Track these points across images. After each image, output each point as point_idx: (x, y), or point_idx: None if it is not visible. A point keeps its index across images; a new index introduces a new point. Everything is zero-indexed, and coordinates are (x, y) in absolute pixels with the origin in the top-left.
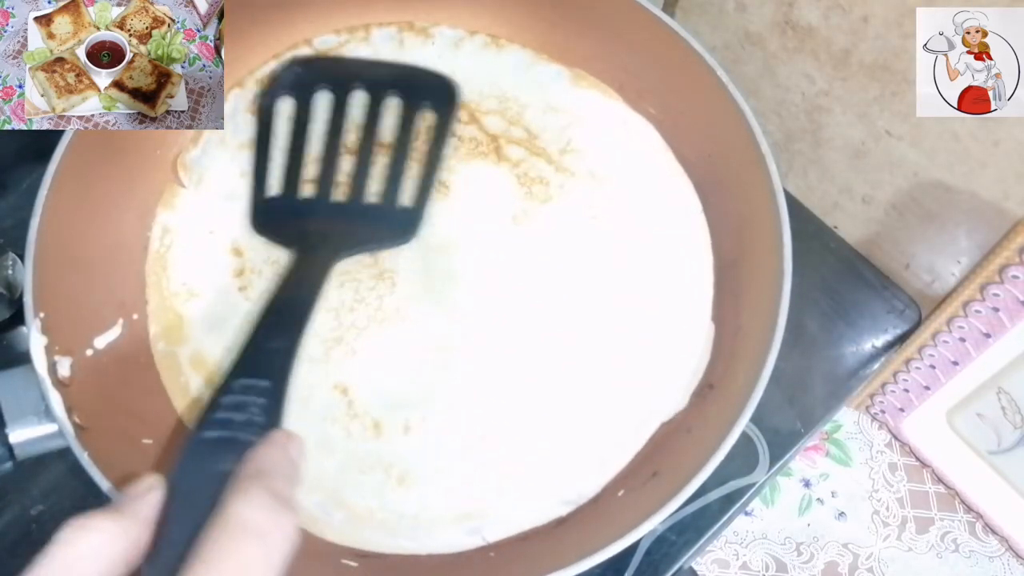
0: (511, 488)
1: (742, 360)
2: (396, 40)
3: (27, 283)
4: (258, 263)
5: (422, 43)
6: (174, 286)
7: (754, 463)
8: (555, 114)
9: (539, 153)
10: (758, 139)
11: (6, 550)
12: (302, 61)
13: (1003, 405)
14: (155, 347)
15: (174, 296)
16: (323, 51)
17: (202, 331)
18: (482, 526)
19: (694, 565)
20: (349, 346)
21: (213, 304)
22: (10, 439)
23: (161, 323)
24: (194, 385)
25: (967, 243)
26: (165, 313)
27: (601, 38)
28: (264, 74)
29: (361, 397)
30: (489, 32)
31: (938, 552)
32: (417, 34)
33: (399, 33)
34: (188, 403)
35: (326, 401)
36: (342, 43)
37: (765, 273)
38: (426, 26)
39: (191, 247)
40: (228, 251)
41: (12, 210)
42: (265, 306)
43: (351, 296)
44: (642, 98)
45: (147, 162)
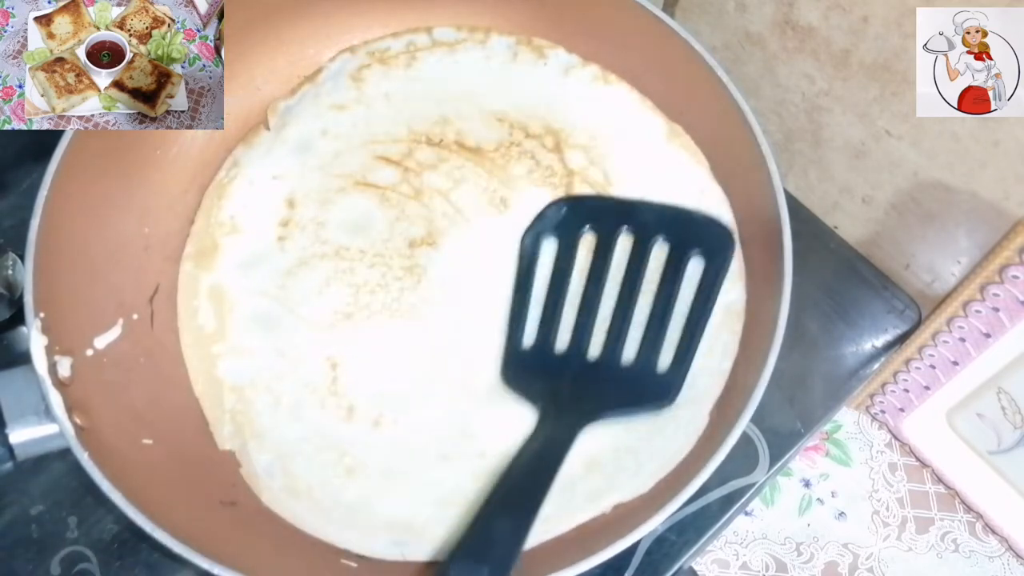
0: (451, 516)
1: (742, 360)
2: (511, 52)
3: (27, 283)
4: (305, 220)
5: (534, 61)
6: (222, 216)
7: (754, 463)
8: (637, 166)
9: None
10: (758, 139)
11: (6, 550)
12: (569, 200)
13: (1003, 405)
14: (183, 266)
15: (219, 226)
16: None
17: (231, 265)
18: (408, 541)
19: (694, 565)
20: (356, 325)
21: (250, 244)
22: (10, 439)
23: (197, 246)
24: (203, 314)
25: (967, 243)
26: (205, 238)
27: (601, 38)
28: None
29: (347, 377)
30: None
31: (938, 552)
32: (533, 51)
33: (516, 45)
34: (191, 331)
35: (314, 369)
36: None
37: (765, 273)
38: (543, 45)
39: (251, 186)
40: (283, 200)
41: (12, 210)
42: (500, 478)
43: (377, 278)
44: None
45: (147, 162)
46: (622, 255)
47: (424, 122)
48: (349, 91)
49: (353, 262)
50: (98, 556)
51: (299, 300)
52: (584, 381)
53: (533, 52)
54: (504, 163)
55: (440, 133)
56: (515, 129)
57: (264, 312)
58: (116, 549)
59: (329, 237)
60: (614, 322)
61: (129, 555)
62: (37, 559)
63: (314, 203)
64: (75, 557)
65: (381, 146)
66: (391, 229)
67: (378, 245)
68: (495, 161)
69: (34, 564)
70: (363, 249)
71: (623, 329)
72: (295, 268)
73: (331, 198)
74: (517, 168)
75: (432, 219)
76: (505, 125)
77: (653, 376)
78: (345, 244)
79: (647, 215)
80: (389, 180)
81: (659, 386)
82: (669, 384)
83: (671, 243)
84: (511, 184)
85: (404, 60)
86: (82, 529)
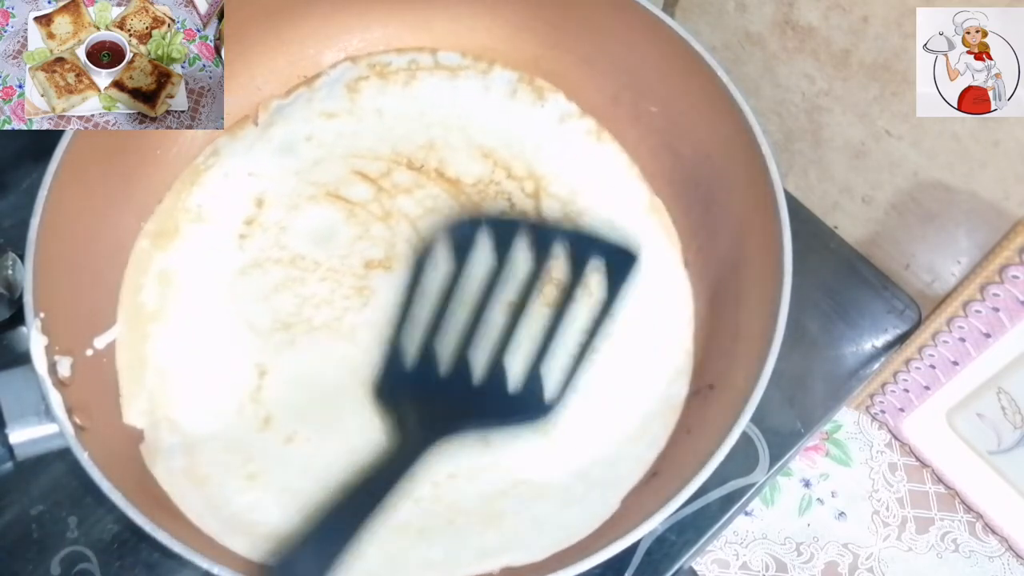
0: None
1: (742, 360)
2: (511, 88)
3: (27, 283)
4: (269, 222)
5: (532, 102)
6: (190, 202)
7: (754, 463)
8: (612, 231)
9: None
10: (758, 139)
11: (6, 550)
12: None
13: (1003, 405)
14: (139, 241)
15: (185, 211)
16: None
17: (185, 252)
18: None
19: (694, 565)
20: (293, 338)
21: (211, 236)
22: (10, 439)
23: (159, 225)
24: (147, 292)
25: (967, 243)
26: (168, 220)
27: (601, 38)
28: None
29: (271, 388)
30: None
31: (938, 552)
32: (533, 91)
33: (517, 82)
34: (131, 305)
35: (242, 372)
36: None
37: (765, 273)
38: (543, 87)
39: (225, 178)
40: (253, 198)
41: (12, 210)
42: (345, 483)
43: (325, 293)
44: (642, 98)
45: (147, 162)
46: (517, 275)
47: (409, 144)
48: (343, 101)
49: (306, 272)
50: (98, 556)
51: (244, 300)
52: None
53: (533, 92)
54: (479, 199)
55: (423, 158)
56: (498, 167)
57: (207, 305)
58: (116, 549)
59: (289, 243)
60: (498, 343)
61: (129, 555)
62: (37, 559)
63: (283, 207)
64: (75, 557)
65: (361, 161)
66: (351, 246)
67: (334, 260)
68: (470, 196)
69: (34, 564)
70: (319, 261)
71: (504, 350)
72: (248, 268)
73: (300, 204)
74: (491, 207)
75: (394, 243)
76: (489, 161)
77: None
78: (302, 253)
79: (549, 236)
80: (361, 196)
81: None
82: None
83: (571, 265)
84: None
85: (403, 78)
86: (82, 529)
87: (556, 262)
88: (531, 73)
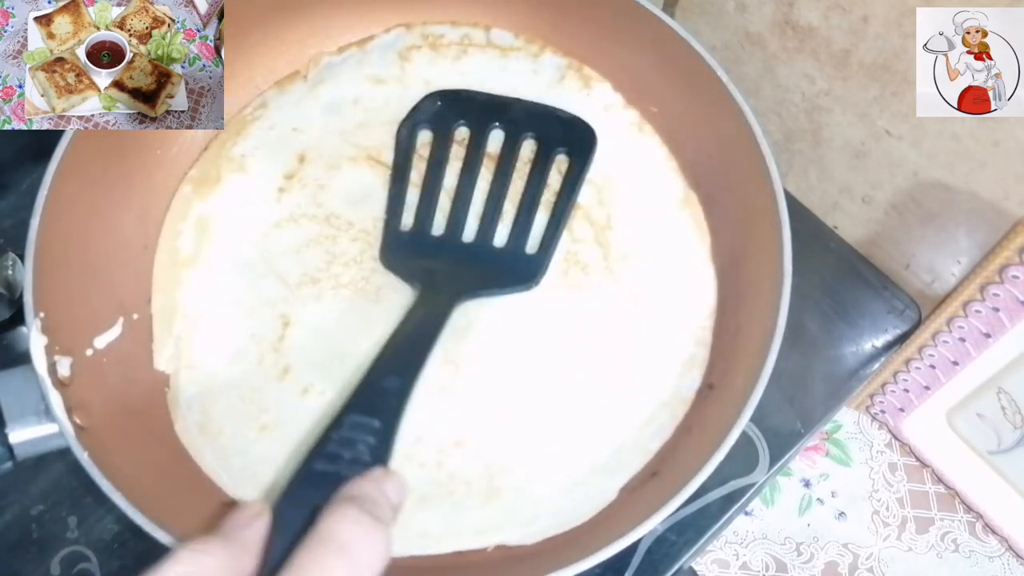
0: None
1: (742, 360)
2: (559, 73)
3: (27, 283)
4: (308, 179)
5: (579, 88)
6: (234, 152)
7: (754, 463)
8: (642, 220)
9: (604, 244)
10: (758, 139)
11: (6, 550)
12: (443, 94)
13: (1003, 405)
14: (182, 187)
15: (228, 160)
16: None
17: (224, 200)
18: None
19: (694, 565)
20: (319, 292)
21: (250, 187)
22: (10, 439)
23: (202, 172)
24: (184, 239)
25: (967, 243)
26: (211, 168)
27: (601, 38)
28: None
29: (293, 339)
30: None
31: (938, 552)
32: (581, 79)
33: (565, 68)
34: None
35: (265, 322)
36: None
37: (765, 273)
38: (591, 76)
39: (271, 131)
40: (294, 154)
41: (12, 210)
42: (385, 343)
43: (355, 253)
44: (642, 98)
45: (147, 162)
46: (494, 147)
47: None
48: (393, 67)
49: (339, 231)
50: (98, 556)
51: (276, 252)
52: (457, 263)
53: (580, 80)
54: (516, 177)
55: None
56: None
57: (240, 255)
58: (116, 549)
59: (326, 201)
60: (486, 209)
61: (129, 555)
62: (37, 559)
63: (323, 165)
64: (75, 557)
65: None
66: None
67: (367, 222)
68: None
69: (34, 564)
70: (352, 222)
71: (494, 215)
72: (284, 221)
73: (341, 164)
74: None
75: None
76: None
77: (520, 259)
78: (337, 212)
79: (517, 111)
80: None
81: (525, 269)
82: (534, 267)
83: (539, 139)
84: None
85: (455, 52)
86: (82, 529)
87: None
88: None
